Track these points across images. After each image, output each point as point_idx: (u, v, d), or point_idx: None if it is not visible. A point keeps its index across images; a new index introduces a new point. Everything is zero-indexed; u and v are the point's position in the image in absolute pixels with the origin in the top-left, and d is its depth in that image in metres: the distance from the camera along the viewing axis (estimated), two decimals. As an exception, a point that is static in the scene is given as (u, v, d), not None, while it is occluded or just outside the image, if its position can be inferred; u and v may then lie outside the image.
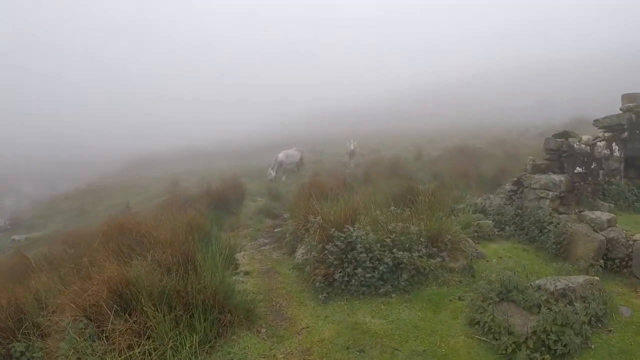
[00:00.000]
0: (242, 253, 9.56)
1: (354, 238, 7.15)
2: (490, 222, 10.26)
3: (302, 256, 8.35)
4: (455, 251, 8.00)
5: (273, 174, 22.17)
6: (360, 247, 7.08)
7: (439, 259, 7.44)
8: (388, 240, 7.30)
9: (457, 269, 7.68)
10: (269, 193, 17.12)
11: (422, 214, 8.84)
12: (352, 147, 24.97)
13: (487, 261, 8.39)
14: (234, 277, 7.88)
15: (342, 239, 7.13)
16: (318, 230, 7.58)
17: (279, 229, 11.37)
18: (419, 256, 7.20)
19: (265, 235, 11.40)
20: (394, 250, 7.11)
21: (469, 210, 11.19)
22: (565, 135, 10.88)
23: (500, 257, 8.67)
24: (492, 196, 12.01)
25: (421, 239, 7.56)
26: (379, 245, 7.23)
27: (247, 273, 8.35)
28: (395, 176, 16.45)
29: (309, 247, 7.84)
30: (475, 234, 9.57)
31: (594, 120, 12.47)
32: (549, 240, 8.79)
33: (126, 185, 31.99)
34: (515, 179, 11.16)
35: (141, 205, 21.63)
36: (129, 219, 9.87)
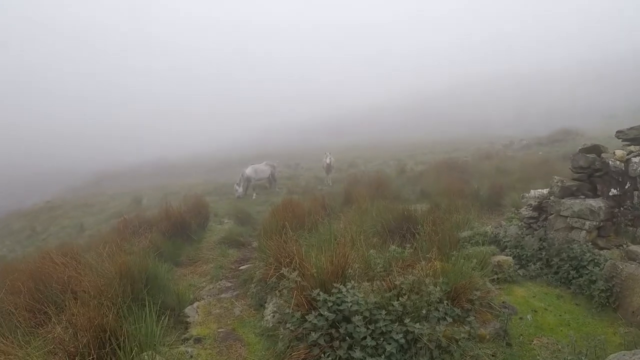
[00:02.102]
0: (195, 305, 7.28)
1: (349, 304, 4.94)
2: (509, 257, 8.17)
3: (273, 316, 6.09)
4: (481, 308, 5.90)
5: (240, 190, 20.16)
6: (358, 318, 4.81)
7: (466, 326, 5.27)
8: (396, 303, 5.07)
9: (488, 337, 5.54)
10: (236, 214, 14.83)
11: (429, 252, 6.78)
12: (327, 161, 22.60)
13: (521, 318, 6.30)
14: (179, 348, 5.71)
15: (330, 305, 4.93)
16: (295, 293, 5.31)
17: (245, 265, 9.17)
18: (441, 326, 5.03)
19: (228, 274, 9.10)
20: (406, 319, 4.89)
21: (478, 241, 9.14)
22: (596, 150, 8.79)
23: (535, 311, 6.57)
24: (504, 223, 9.94)
25: (440, 296, 5.39)
26: (383, 312, 4.96)
27: (198, 340, 6.08)
28: (379, 195, 14.38)
29: (282, 313, 5.52)
30: (495, 276, 7.50)
31: (617, 132, 10.37)
32: (595, 286, 6.73)
33: (86, 202, 29.56)
34: (536, 203, 9.11)
35: (95, 227, 19.38)
36: (51, 260, 7.64)
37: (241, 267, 9.22)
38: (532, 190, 13.90)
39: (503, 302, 6.48)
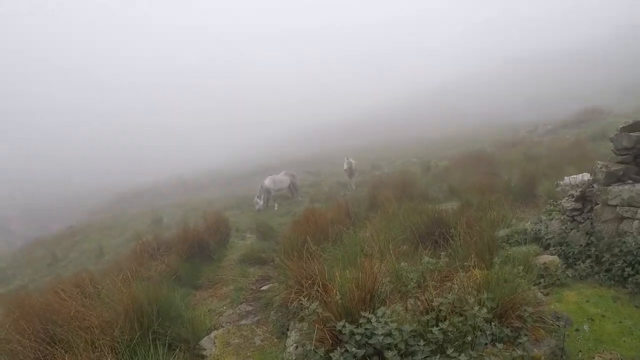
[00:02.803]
0: (213, 335, 6.62)
1: (380, 337, 4.16)
2: (555, 257, 7.36)
3: (296, 347, 5.38)
4: (533, 323, 5.13)
5: (261, 203, 19.62)
6: (392, 353, 4.01)
7: (519, 349, 4.49)
8: (436, 330, 4.26)
9: (543, 358, 4.77)
10: (257, 228, 14.20)
11: (467, 259, 6.05)
12: (346, 167, 21.66)
13: (577, 330, 5.52)
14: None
15: (358, 338, 4.20)
16: (316, 327, 4.58)
17: (267, 285, 8.53)
18: (491, 352, 4.25)
19: (249, 296, 8.45)
20: (448, 349, 4.11)
21: (518, 240, 8.34)
22: (639, 126, 7.89)
23: (592, 319, 5.77)
24: (544, 217, 9.07)
25: (486, 316, 4.61)
26: (421, 342, 4.19)
27: (214, 379, 5.46)
28: (406, 197, 13.64)
29: (304, 350, 4.69)
30: (542, 280, 6.71)
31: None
32: (658, 284, 5.94)
33: (106, 225, 29.22)
34: (578, 192, 8.22)
35: (115, 249, 18.96)
36: (57, 295, 7.12)
37: (263, 288, 8.58)
38: (566, 177, 13.10)
39: (556, 313, 5.70)
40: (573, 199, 8.28)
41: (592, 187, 7.90)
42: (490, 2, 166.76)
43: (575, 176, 12.80)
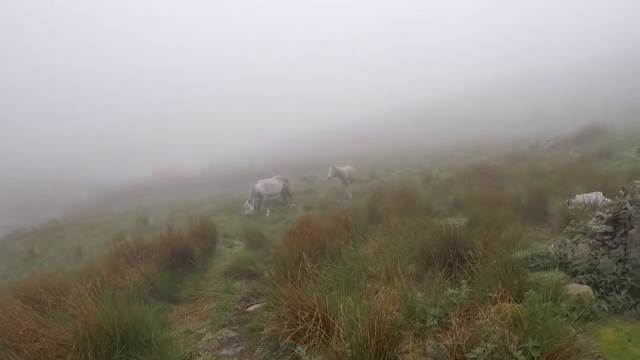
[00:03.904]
0: (187, 366, 5.58)
1: None
2: (587, 287, 6.38)
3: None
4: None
5: (251, 208, 18.77)
6: None
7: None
8: None
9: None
10: (247, 236, 13.18)
11: (490, 289, 5.09)
12: (330, 175, 20.37)
13: (628, 380, 4.58)
14: None
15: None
16: None
17: (254, 306, 7.49)
18: None
19: (232, 317, 7.37)
20: None
21: (539, 265, 7.35)
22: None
23: (641, 368, 4.83)
24: (568, 240, 8.08)
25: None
26: None
27: None
28: (408, 209, 12.66)
29: None
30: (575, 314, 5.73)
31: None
32: None
33: (90, 222, 28.24)
34: (610, 214, 7.24)
35: (94, 250, 17.92)
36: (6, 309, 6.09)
37: (249, 308, 7.52)
38: (577, 195, 12.23)
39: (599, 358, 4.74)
40: (603, 222, 7.32)
41: (626, 208, 6.94)
42: (504, 13, 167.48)
43: (587, 195, 12.02)
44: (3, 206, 52.52)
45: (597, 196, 11.66)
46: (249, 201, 18.99)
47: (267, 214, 18.55)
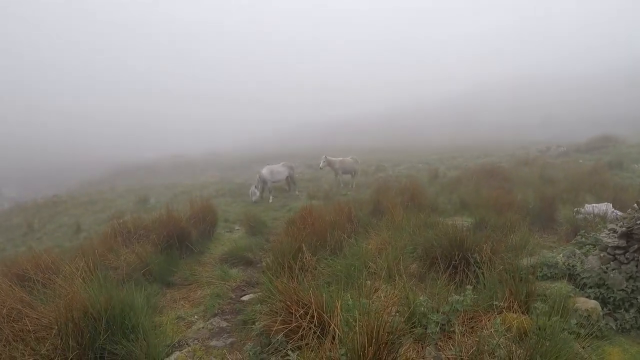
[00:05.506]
0: (174, 356, 5.34)
1: None
2: (595, 302, 6.10)
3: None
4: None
5: (258, 194, 18.43)
6: None
7: None
8: None
9: None
10: (248, 222, 12.94)
11: (496, 296, 4.84)
12: (322, 165, 20.55)
13: (636, 407, 4.33)
14: None
15: None
16: None
17: (248, 296, 7.27)
18: None
19: (226, 306, 7.14)
20: None
21: (546, 274, 7.07)
22: None
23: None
24: (577, 251, 7.78)
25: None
26: None
27: None
28: (414, 205, 12.42)
29: None
30: (581, 330, 5.45)
31: None
32: None
33: (91, 199, 28.09)
34: (623, 228, 6.94)
35: (93, 227, 17.75)
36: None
37: (243, 298, 7.29)
38: (587, 205, 11.92)
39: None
40: (616, 235, 7.02)
41: (639, 223, 6.64)
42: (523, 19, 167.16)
43: (597, 205, 11.72)
44: (12, 177, 52.74)
45: (606, 207, 11.37)
46: (255, 186, 18.79)
47: (270, 201, 18.38)
